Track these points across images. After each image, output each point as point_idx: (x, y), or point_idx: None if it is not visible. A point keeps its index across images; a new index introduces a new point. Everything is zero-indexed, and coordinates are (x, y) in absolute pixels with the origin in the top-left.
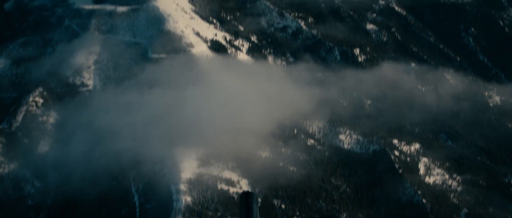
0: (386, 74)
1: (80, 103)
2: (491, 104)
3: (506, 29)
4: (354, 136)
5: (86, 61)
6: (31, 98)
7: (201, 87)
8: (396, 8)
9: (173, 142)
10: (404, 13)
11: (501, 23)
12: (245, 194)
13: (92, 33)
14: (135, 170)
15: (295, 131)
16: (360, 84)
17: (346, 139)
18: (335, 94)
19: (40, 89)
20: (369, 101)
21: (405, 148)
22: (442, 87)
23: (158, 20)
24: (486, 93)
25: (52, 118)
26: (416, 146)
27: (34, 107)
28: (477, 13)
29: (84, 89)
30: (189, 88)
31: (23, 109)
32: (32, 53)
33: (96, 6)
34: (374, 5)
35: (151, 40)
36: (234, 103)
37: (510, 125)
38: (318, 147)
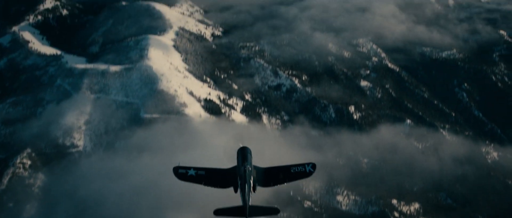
0: (384, 137)
1: (69, 165)
2: (489, 161)
3: (499, 84)
4: (352, 197)
5: (76, 121)
6: (18, 160)
7: (193, 151)
8: (389, 64)
9: (163, 211)
10: (397, 69)
11: (493, 78)
12: (242, 148)
13: (84, 93)
14: None
15: (291, 193)
16: (358, 146)
17: (344, 200)
18: (331, 156)
19: (29, 150)
20: (365, 160)
21: (404, 208)
22: (441, 149)
23: (151, 80)
24: (484, 150)
25: (39, 180)
26: (415, 205)
27: (21, 170)
28: (469, 69)
29: (74, 150)
30: (181, 152)
31: (10, 171)
32: (22, 113)
33: (89, 65)
34: (367, 62)
35: (144, 100)
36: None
37: (510, 182)
38: (315, 209)
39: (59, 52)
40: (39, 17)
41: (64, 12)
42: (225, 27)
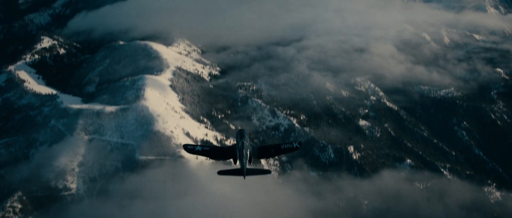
0: (384, 179)
1: (61, 210)
2: (492, 202)
3: (499, 122)
4: None
5: (70, 163)
6: (8, 204)
7: (189, 197)
8: (388, 103)
9: None
10: (396, 108)
11: (492, 116)
12: (240, 130)
13: (78, 134)
14: None
15: None
16: (358, 189)
17: None
18: (331, 201)
19: (19, 193)
20: (366, 202)
21: None
22: (443, 191)
23: (147, 120)
24: (486, 190)
25: None
26: None
27: (11, 214)
28: (468, 107)
29: (66, 193)
30: (176, 199)
31: None
32: (14, 154)
33: (84, 106)
34: (365, 101)
35: (139, 141)
36: (226, 215)
37: None
38: None
39: (54, 92)
40: (36, 56)
41: (62, 51)
42: (222, 66)
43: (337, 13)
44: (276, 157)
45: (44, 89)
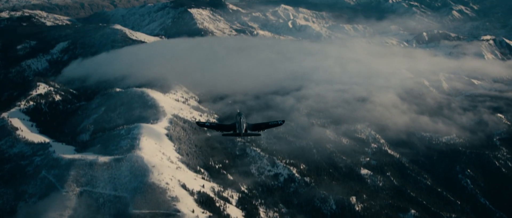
0: None
1: None
2: None
3: (503, 169)
4: None
5: None
6: None
7: None
8: (389, 151)
9: None
10: (398, 155)
11: (496, 163)
12: (238, 112)
13: (70, 186)
14: None
15: None
16: None
17: None
18: None
19: None
20: None
21: None
22: None
23: (141, 172)
24: None
25: None
26: None
27: None
28: (471, 154)
29: None
30: None
31: None
32: (1, 207)
33: (76, 156)
34: (366, 149)
35: (133, 193)
36: None
37: None
38: None
39: (47, 140)
40: (31, 102)
41: (57, 97)
42: (220, 114)
43: (337, 62)
44: (275, 210)
45: (37, 138)
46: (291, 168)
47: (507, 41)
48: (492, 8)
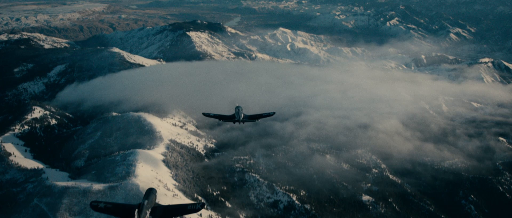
0: None
1: None
2: None
3: (507, 195)
4: None
5: None
6: None
7: None
8: (391, 176)
9: None
10: (400, 181)
11: (500, 188)
12: (237, 106)
13: (62, 215)
14: None
15: None
16: None
17: None
18: None
19: None
20: None
21: None
22: None
23: (137, 200)
24: None
25: None
26: None
27: None
28: (474, 179)
29: None
30: None
31: None
32: None
33: (70, 183)
34: (367, 175)
35: None
36: None
37: None
38: None
39: (41, 166)
40: (26, 127)
41: (53, 121)
42: (218, 140)
43: (337, 86)
44: None
45: (30, 163)
46: (291, 195)
47: (506, 63)
48: (488, 31)
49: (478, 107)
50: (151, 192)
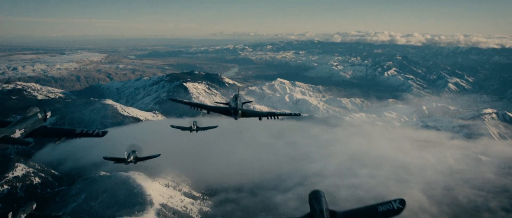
0: None
1: None
2: None
3: None
4: None
5: None
6: None
7: None
8: None
9: None
10: None
11: None
12: (235, 96)
13: None
14: None
15: None
16: None
17: None
18: None
19: None
20: None
21: None
22: None
23: None
24: None
25: None
26: None
27: None
28: None
29: None
30: None
31: None
32: None
33: None
34: None
35: None
36: None
37: None
38: None
39: None
40: (5, 186)
41: (36, 180)
42: (213, 209)
43: (344, 147)
44: None
45: None
46: None
47: (510, 114)
48: (486, 80)
49: (506, 172)
50: (238, 95)
